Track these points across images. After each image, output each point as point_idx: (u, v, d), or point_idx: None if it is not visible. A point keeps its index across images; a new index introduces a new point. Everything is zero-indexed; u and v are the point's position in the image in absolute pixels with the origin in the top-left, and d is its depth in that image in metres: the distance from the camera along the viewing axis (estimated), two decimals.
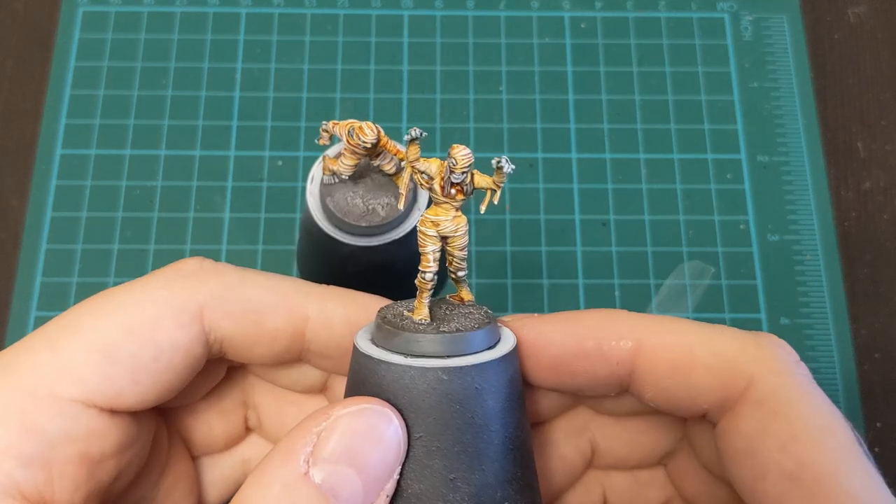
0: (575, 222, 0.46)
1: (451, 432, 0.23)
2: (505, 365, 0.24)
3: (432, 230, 0.25)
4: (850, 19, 0.51)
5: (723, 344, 0.25)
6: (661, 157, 0.47)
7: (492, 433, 0.23)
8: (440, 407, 0.23)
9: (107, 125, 0.47)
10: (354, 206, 0.36)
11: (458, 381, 0.23)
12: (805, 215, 0.46)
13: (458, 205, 0.25)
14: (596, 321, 0.26)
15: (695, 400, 0.25)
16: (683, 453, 0.30)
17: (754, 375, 0.24)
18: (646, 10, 0.51)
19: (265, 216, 0.45)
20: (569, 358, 0.26)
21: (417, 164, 0.25)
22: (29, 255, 0.44)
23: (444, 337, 0.24)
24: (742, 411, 0.24)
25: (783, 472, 0.23)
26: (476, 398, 0.23)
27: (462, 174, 0.24)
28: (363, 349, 0.24)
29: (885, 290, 0.45)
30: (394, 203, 0.35)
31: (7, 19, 0.50)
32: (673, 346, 0.25)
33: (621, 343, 0.25)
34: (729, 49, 0.50)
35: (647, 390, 0.26)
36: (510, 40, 0.50)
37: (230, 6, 0.50)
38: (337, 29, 0.50)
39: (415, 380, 0.23)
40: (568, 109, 0.48)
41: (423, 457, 0.23)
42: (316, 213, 0.36)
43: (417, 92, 0.48)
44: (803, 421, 0.23)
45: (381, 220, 0.35)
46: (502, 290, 0.44)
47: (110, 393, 0.24)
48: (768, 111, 0.49)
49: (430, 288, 0.25)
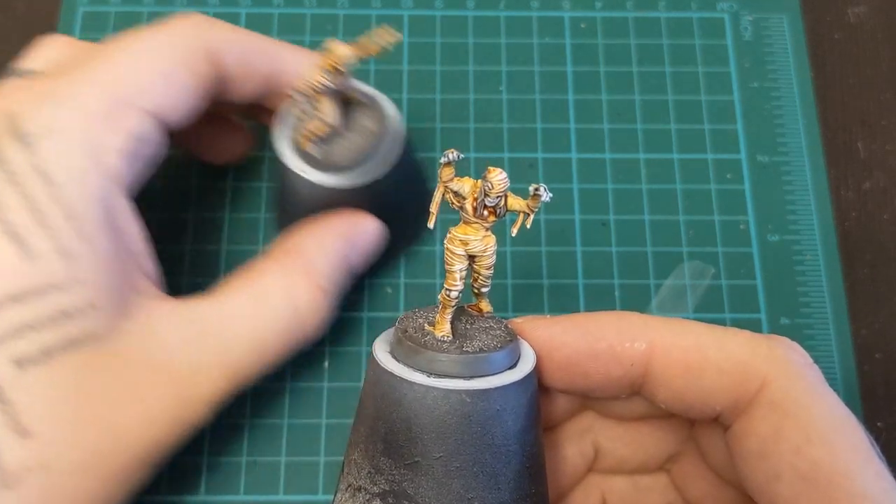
0: (575, 222, 0.46)
1: (470, 453, 0.23)
2: (525, 385, 0.24)
3: (460, 249, 0.25)
4: (850, 19, 0.51)
5: (736, 346, 0.25)
6: (661, 157, 0.47)
7: (510, 453, 0.24)
8: (461, 428, 0.23)
9: None
10: (334, 146, 0.36)
11: (481, 403, 0.23)
12: (805, 215, 0.46)
13: (489, 225, 0.25)
14: (609, 323, 0.26)
15: (707, 402, 0.25)
16: (688, 457, 0.30)
17: (767, 377, 0.24)
18: (646, 10, 0.51)
19: (265, 216, 0.45)
20: (582, 359, 0.26)
21: (451, 184, 0.25)
22: None
23: (467, 358, 0.24)
24: (755, 413, 0.24)
25: (797, 473, 0.23)
26: (496, 419, 0.23)
27: (497, 198, 0.24)
28: (384, 364, 0.24)
29: (885, 290, 0.45)
30: (359, 140, 0.36)
31: (7, 19, 0.50)
32: (686, 348, 0.25)
33: (635, 345, 0.26)
34: (729, 49, 0.50)
35: (660, 392, 0.26)
36: (510, 40, 0.50)
37: (230, 6, 0.50)
38: (337, 29, 0.50)
39: (437, 401, 0.23)
40: (568, 109, 0.48)
41: (442, 476, 0.23)
42: (289, 158, 0.36)
43: (417, 92, 0.48)
44: (817, 423, 0.23)
45: (352, 157, 0.36)
46: (502, 290, 0.44)
47: (166, 109, 0.31)
48: (768, 111, 0.49)
49: (454, 305, 0.25)
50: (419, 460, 0.23)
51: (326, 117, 0.35)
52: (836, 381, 0.43)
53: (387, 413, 0.24)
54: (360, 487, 0.24)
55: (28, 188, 0.26)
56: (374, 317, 0.43)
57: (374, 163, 0.36)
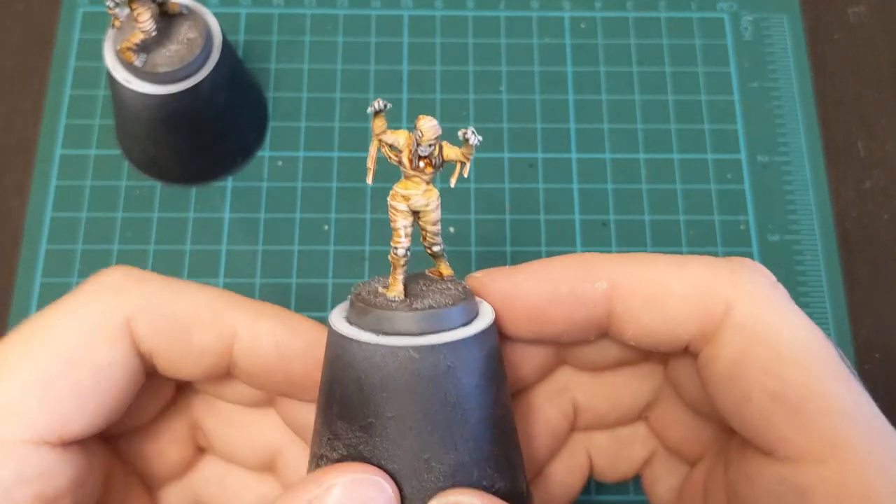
0: (575, 222, 0.46)
1: (422, 411, 0.22)
2: (480, 341, 0.24)
3: (403, 204, 0.24)
4: (850, 19, 0.51)
5: (696, 273, 0.25)
6: (661, 157, 0.47)
7: (466, 411, 0.23)
8: (411, 386, 0.22)
9: (107, 125, 0.47)
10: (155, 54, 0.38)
11: (430, 359, 0.22)
12: (805, 215, 0.46)
13: (428, 178, 0.24)
14: (569, 266, 0.26)
15: (674, 332, 0.25)
16: (664, 402, 0.30)
17: (732, 301, 0.24)
18: (646, 10, 0.51)
19: (265, 216, 0.45)
20: (545, 305, 0.26)
21: (384, 136, 0.24)
22: (29, 255, 0.44)
23: (415, 315, 0.23)
24: (723, 337, 0.24)
25: (767, 392, 0.23)
26: (448, 376, 0.23)
27: (429, 146, 0.23)
28: (335, 326, 0.24)
29: (885, 290, 0.45)
30: (182, 49, 0.38)
31: (7, 19, 0.50)
32: (646, 281, 0.25)
33: (596, 285, 0.25)
34: (729, 49, 0.50)
35: (628, 329, 0.26)
36: (510, 40, 0.50)
37: (230, 6, 0.50)
38: (337, 29, 0.50)
39: (385, 358, 0.22)
40: (568, 109, 0.48)
41: (396, 436, 0.22)
42: (114, 70, 0.38)
43: (417, 92, 0.48)
44: (784, 342, 0.23)
45: (174, 64, 0.38)
46: None
47: (58, 425, 0.23)
48: (768, 111, 0.49)
49: (404, 264, 0.24)
50: (372, 421, 0.22)
51: (144, 26, 0.36)
52: None
53: (340, 375, 0.23)
54: (322, 455, 0.24)
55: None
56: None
57: (193, 68, 0.38)
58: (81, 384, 0.23)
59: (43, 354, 0.23)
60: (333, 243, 0.45)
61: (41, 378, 0.23)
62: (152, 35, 0.37)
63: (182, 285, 0.26)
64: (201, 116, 0.41)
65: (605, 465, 0.32)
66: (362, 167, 0.46)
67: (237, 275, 0.44)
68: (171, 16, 0.38)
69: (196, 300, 0.26)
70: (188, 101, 0.39)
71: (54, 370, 0.23)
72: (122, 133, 0.45)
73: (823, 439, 0.22)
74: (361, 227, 0.45)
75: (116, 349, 0.24)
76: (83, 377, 0.24)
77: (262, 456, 0.29)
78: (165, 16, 0.38)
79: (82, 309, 0.24)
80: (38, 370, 0.23)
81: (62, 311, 0.24)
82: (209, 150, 0.44)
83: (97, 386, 0.24)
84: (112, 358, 0.24)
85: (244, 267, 0.44)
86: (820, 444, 0.22)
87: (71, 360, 0.23)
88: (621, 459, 0.32)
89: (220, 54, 0.39)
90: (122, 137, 0.45)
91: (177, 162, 0.45)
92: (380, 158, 0.24)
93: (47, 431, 0.23)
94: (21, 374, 0.23)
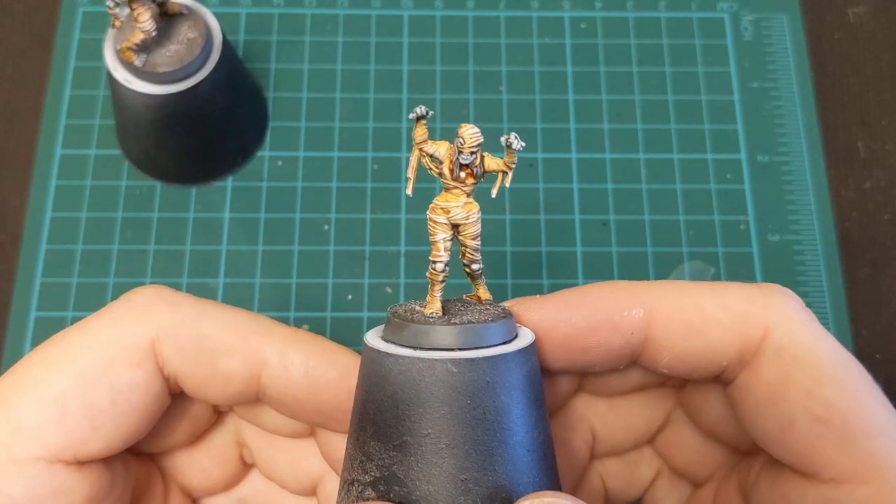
0: (575, 222, 0.46)
1: (460, 428, 0.21)
2: (520, 360, 0.23)
3: (442, 217, 0.23)
4: (850, 19, 0.51)
5: (732, 298, 0.25)
6: (661, 157, 0.47)
7: (505, 431, 0.22)
8: (449, 401, 0.22)
9: (107, 125, 0.47)
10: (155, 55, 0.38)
11: (469, 373, 0.22)
12: (805, 215, 0.46)
13: (469, 190, 0.23)
14: (603, 294, 0.26)
15: (712, 358, 0.25)
16: (674, 426, 0.30)
17: (769, 325, 0.24)
18: (646, 10, 0.51)
19: (265, 216, 0.45)
20: (582, 334, 0.25)
21: (425, 146, 0.23)
22: (29, 255, 0.44)
23: (454, 328, 0.22)
24: (761, 361, 0.24)
25: (811, 416, 0.23)
26: (487, 392, 0.22)
27: (471, 154, 0.22)
28: (371, 343, 0.23)
29: (885, 290, 0.45)
30: (181, 49, 0.38)
31: (7, 19, 0.50)
32: (684, 307, 0.25)
33: (633, 312, 0.25)
34: (729, 49, 0.50)
35: (663, 356, 0.25)
36: (510, 40, 0.50)
37: (230, 6, 0.50)
38: (337, 29, 0.50)
39: (422, 372, 0.22)
40: (568, 109, 0.48)
41: (432, 455, 0.21)
42: (115, 70, 0.38)
43: (417, 92, 0.48)
44: (824, 365, 0.23)
45: (173, 64, 0.38)
46: (502, 290, 0.44)
47: (72, 445, 0.23)
48: (768, 111, 0.49)
49: (442, 280, 0.24)
50: (407, 439, 0.22)
51: (144, 26, 0.37)
52: None
53: (374, 392, 0.22)
54: (354, 480, 0.23)
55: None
56: (374, 317, 0.43)
57: (193, 68, 0.38)
58: (98, 405, 0.23)
59: (61, 375, 0.23)
60: (333, 243, 0.45)
61: (58, 398, 0.23)
62: (152, 35, 0.37)
63: (213, 309, 0.25)
64: (201, 116, 0.41)
65: (618, 489, 0.32)
66: (362, 167, 0.46)
67: (237, 275, 0.44)
68: (171, 16, 0.39)
69: (225, 325, 0.25)
70: (188, 102, 0.39)
71: (70, 391, 0.23)
72: (122, 133, 0.45)
73: (867, 460, 0.22)
74: (361, 227, 0.45)
75: (138, 371, 0.24)
76: (100, 398, 0.23)
77: (303, 482, 0.29)
78: (165, 16, 0.38)
79: (106, 330, 0.24)
80: (55, 390, 0.23)
81: (86, 332, 0.24)
82: (209, 150, 0.44)
83: (115, 407, 0.24)
84: (132, 380, 0.24)
85: (244, 267, 0.44)
86: (864, 465, 0.22)
87: (88, 382, 0.23)
88: (631, 483, 0.32)
89: (220, 54, 0.39)
90: (122, 137, 0.45)
91: (177, 162, 0.45)
92: (420, 169, 0.24)
93: (62, 451, 0.23)
94: (38, 393, 0.23)
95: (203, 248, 0.45)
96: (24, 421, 0.23)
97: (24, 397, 0.23)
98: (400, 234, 0.45)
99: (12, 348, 0.42)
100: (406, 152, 0.47)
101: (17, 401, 0.23)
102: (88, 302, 0.43)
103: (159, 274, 0.44)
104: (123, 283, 0.44)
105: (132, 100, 0.39)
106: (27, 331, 0.43)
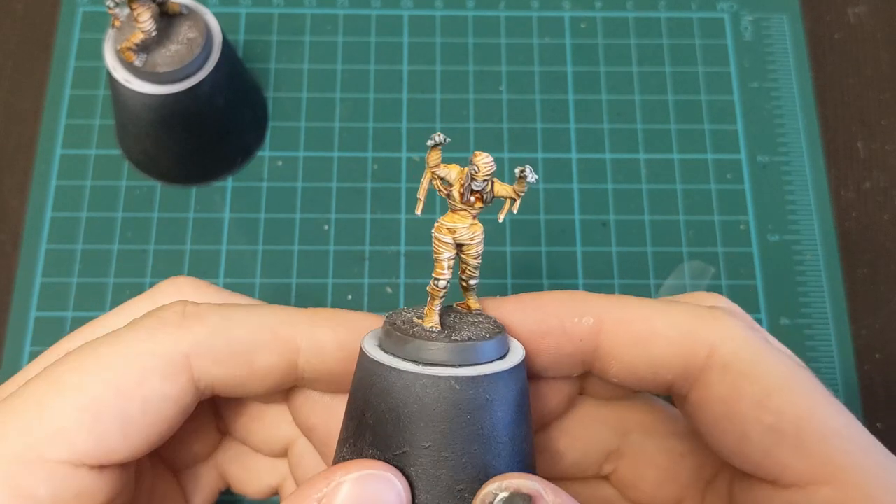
0: (575, 222, 0.46)
1: (459, 443, 0.23)
2: (514, 376, 0.24)
3: (448, 237, 0.25)
4: (850, 19, 0.51)
5: (680, 316, 0.26)
6: (661, 157, 0.47)
7: (500, 445, 0.23)
8: (450, 417, 0.23)
9: (106, 125, 0.47)
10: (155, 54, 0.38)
11: (470, 391, 0.23)
12: (805, 215, 0.46)
13: (476, 213, 0.25)
14: (557, 301, 0.27)
15: (658, 371, 0.26)
16: (632, 452, 0.30)
17: (714, 343, 0.25)
18: (646, 10, 0.51)
19: (265, 216, 0.45)
20: (532, 337, 0.26)
21: (437, 169, 0.24)
22: (29, 255, 0.44)
23: (456, 346, 0.23)
24: (711, 378, 0.25)
25: (764, 426, 0.23)
26: (486, 409, 0.23)
27: (483, 182, 0.24)
28: (372, 355, 0.24)
29: (885, 290, 0.45)
30: (182, 49, 0.38)
31: (7, 19, 0.50)
32: (633, 320, 0.26)
33: (583, 320, 0.26)
34: (729, 49, 0.50)
35: (612, 366, 0.26)
36: (510, 40, 0.50)
37: (230, 6, 0.50)
38: (337, 29, 0.50)
39: (426, 388, 0.23)
40: (568, 109, 0.48)
41: (431, 467, 0.23)
42: (115, 69, 0.38)
43: (417, 92, 0.48)
44: (771, 376, 0.24)
45: (173, 64, 0.38)
46: (502, 290, 0.44)
47: (101, 451, 0.24)
48: (768, 111, 0.49)
49: (443, 296, 0.25)
50: (407, 450, 0.23)
51: (144, 26, 0.37)
52: (836, 381, 0.43)
53: (375, 404, 0.23)
54: None
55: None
56: None
57: (193, 68, 0.39)
58: (130, 414, 0.24)
59: (97, 384, 0.24)
60: (333, 243, 0.45)
61: (91, 406, 0.24)
62: (152, 35, 0.37)
63: (237, 313, 0.26)
64: (201, 116, 0.41)
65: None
66: (362, 167, 0.46)
67: (237, 275, 0.44)
68: (171, 16, 0.39)
69: (252, 324, 0.26)
70: (188, 102, 0.39)
71: (105, 401, 0.24)
72: (122, 133, 0.45)
73: (825, 462, 0.23)
74: (361, 227, 0.45)
75: (171, 384, 0.25)
76: (132, 408, 0.24)
77: (276, 445, 0.31)
78: (165, 16, 0.38)
79: (142, 344, 0.25)
80: (90, 398, 0.24)
81: (121, 344, 0.25)
82: (209, 150, 0.44)
83: (145, 417, 0.25)
84: (165, 392, 0.25)
85: (244, 267, 0.44)
86: (822, 467, 0.23)
87: (123, 392, 0.24)
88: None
89: (220, 54, 0.40)
90: (122, 137, 0.45)
91: (177, 162, 0.45)
92: (430, 190, 0.25)
93: (89, 455, 0.24)
94: (74, 399, 0.24)
95: (203, 248, 0.45)
96: (58, 425, 0.23)
97: (59, 402, 0.24)
98: (400, 234, 0.45)
99: (12, 348, 0.42)
100: (406, 152, 0.47)
101: (53, 405, 0.24)
102: (88, 302, 0.43)
103: (159, 274, 0.44)
104: (123, 283, 0.44)
105: (132, 100, 0.39)
106: (27, 331, 0.43)
